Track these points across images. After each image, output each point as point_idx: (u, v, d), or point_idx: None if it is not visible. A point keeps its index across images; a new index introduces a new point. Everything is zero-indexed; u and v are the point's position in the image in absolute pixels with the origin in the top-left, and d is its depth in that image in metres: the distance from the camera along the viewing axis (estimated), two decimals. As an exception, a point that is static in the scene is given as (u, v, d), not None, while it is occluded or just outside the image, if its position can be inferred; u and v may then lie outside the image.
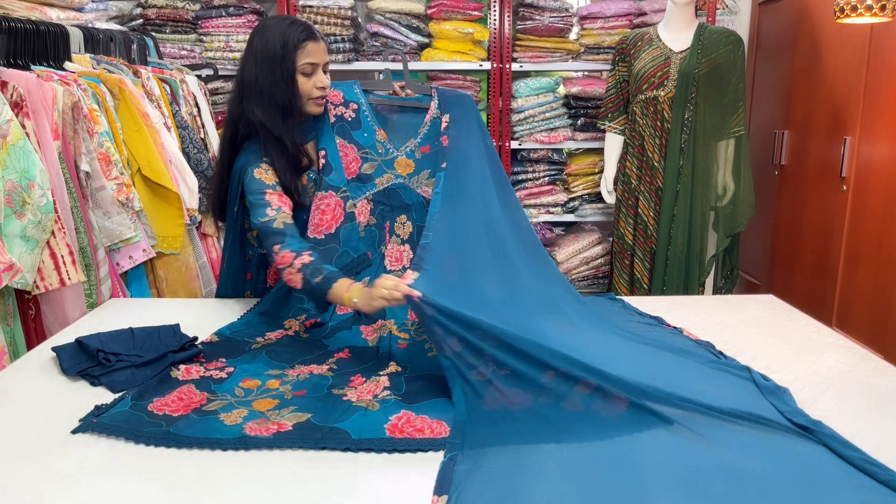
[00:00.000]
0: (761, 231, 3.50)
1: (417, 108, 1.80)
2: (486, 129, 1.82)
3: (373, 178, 1.74)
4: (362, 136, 1.74)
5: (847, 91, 2.77)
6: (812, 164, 3.04)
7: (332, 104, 1.73)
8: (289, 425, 1.14)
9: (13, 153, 1.62)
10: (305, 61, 1.58)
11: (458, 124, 1.75)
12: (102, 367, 1.33)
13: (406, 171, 1.75)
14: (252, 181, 1.59)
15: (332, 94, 1.74)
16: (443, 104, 1.79)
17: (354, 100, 1.76)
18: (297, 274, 1.48)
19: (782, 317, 1.74)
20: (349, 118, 1.74)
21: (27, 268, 1.63)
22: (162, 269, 2.24)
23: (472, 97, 1.84)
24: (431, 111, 1.78)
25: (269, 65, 1.56)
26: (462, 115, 1.77)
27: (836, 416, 1.19)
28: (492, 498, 0.95)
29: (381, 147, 1.75)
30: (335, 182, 1.69)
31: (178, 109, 2.49)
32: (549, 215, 3.45)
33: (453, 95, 1.82)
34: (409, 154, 1.76)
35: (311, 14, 3.17)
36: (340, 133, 1.73)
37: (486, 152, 1.75)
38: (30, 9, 2.05)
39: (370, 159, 1.74)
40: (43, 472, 1.01)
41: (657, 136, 2.87)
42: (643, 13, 3.28)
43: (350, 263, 1.69)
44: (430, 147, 1.76)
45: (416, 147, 1.77)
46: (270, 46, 1.57)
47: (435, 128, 1.77)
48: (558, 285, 1.66)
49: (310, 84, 1.60)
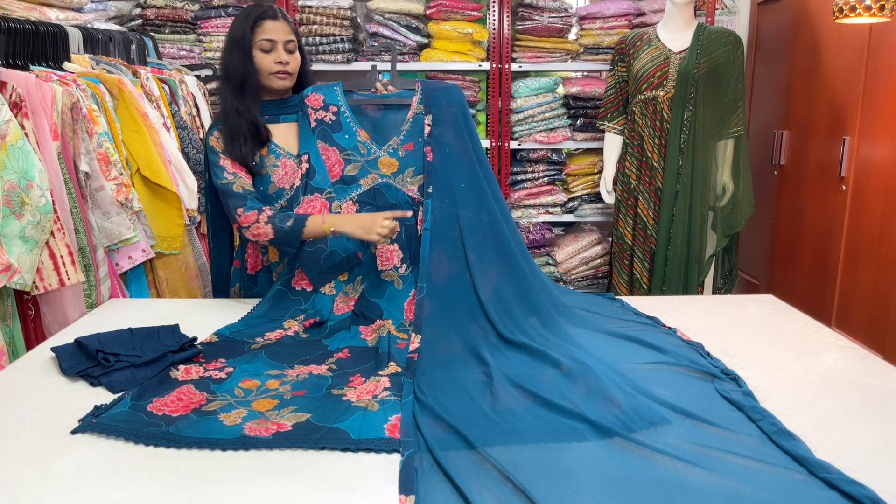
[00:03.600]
0: (761, 231, 3.50)
1: (400, 105, 1.78)
2: (472, 123, 1.78)
3: (357, 179, 1.74)
4: (343, 137, 1.75)
5: (846, 91, 2.77)
6: (811, 164, 3.04)
7: (313, 108, 1.75)
8: (288, 425, 1.14)
9: (12, 154, 1.62)
10: (262, 38, 1.68)
11: (443, 126, 1.73)
12: (102, 368, 1.33)
13: (390, 170, 1.75)
14: (209, 147, 1.73)
15: (312, 99, 1.75)
16: (426, 99, 1.76)
17: (334, 102, 1.76)
18: (265, 226, 1.64)
19: (782, 317, 1.74)
20: (329, 121, 1.75)
21: (26, 268, 1.63)
22: (161, 269, 2.24)
23: (459, 88, 1.82)
24: (413, 107, 1.77)
25: (231, 45, 1.69)
26: (446, 113, 1.74)
27: (835, 417, 1.20)
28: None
29: (363, 148, 1.75)
30: (319, 184, 1.71)
31: (177, 110, 2.49)
32: (549, 215, 3.45)
33: (439, 88, 1.79)
34: (391, 153, 1.75)
35: (310, 14, 3.17)
36: (322, 136, 1.74)
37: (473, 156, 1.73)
38: (29, 9, 2.05)
39: (353, 160, 1.74)
40: (42, 472, 1.01)
41: (656, 137, 2.87)
42: (642, 13, 3.28)
43: (339, 262, 1.69)
44: (414, 144, 1.75)
45: (398, 145, 1.76)
46: (235, 28, 1.70)
47: (417, 124, 1.76)
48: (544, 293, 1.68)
49: (268, 60, 1.69)
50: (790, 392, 1.29)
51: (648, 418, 1.15)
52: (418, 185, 1.73)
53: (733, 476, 1.00)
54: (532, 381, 1.29)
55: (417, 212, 1.72)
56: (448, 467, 1.01)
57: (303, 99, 1.76)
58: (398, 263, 1.72)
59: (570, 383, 1.27)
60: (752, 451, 1.07)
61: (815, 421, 1.18)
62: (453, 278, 1.59)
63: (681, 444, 1.08)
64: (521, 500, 0.94)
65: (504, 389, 1.27)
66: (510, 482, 0.98)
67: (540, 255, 3.41)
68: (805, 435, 1.12)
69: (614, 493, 0.96)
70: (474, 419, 1.16)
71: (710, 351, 1.47)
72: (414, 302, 1.59)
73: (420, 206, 1.71)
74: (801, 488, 0.98)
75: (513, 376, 1.32)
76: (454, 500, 0.95)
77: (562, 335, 1.53)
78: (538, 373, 1.34)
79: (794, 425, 1.14)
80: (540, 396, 1.23)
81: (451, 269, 1.60)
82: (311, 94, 1.76)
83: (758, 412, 1.18)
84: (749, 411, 1.19)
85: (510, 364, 1.39)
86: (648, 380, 1.31)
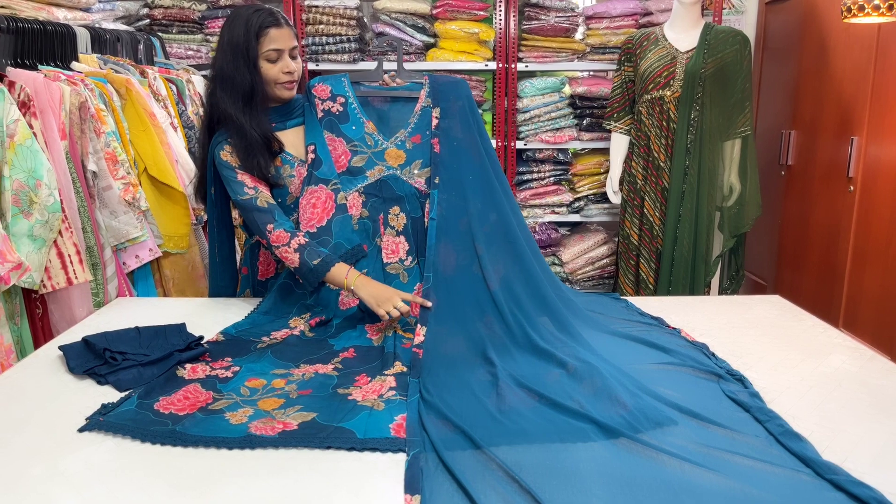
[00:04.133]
0: (768, 231, 3.48)
1: (408, 98, 1.78)
2: (480, 117, 1.78)
3: (364, 171, 1.74)
4: (350, 129, 1.74)
5: (854, 91, 2.75)
6: (819, 165, 3.03)
7: (320, 99, 1.74)
8: (294, 424, 1.15)
9: (21, 153, 1.63)
10: (269, 48, 1.61)
11: (450, 119, 1.72)
12: (109, 366, 1.33)
13: (397, 162, 1.74)
14: (221, 162, 1.66)
15: (319, 89, 1.74)
16: (434, 92, 1.76)
17: (342, 93, 1.75)
18: (294, 254, 1.60)
19: (789, 317, 1.73)
20: (337, 112, 1.74)
21: (34, 267, 1.64)
22: (168, 268, 2.25)
23: (466, 82, 1.80)
24: (421, 100, 1.76)
25: (233, 53, 1.61)
26: (454, 107, 1.74)
27: (842, 418, 1.19)
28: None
29: (370, 139, 1.75)
30: (325, 175, 1.70)
31: (184, 109, 2.50)
32: (555, 215, 3.44)
33: (446, 82, 1.78)
34: (399, 145, 1.75)
35: (317, 14, 3.17)
36: (328, 127, 1.73)
37: (482, 149, 1.73)
38: (37, 9, 2.06)
39: (360, 152, 1.74)
40: (50, 470, 1.02)
41: (663, 136, 2.87)
42: (649, 13, 3.27)
43: (344, 254, 1.69)
44: (421, 137, 1.75)
45: (406, 137, 1.75)
46: (235, 35, 1.61)
47: (425, 117, 1.75)
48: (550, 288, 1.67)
49: (276, 70, 1.64)
50: (797, 393, 1.29)
51: (654, 419, 1.15)
52: (425, 177, 1.73)
53: (740, 477, 0.99)
54: (538, 382, 1.29)
55: (424, 204, 1.72)
56: (453, 467, 1.01)
57: (309, 89, 1.75)
58: (403, 256, 1.72)
59: (576, 384, 1.27)
60: (759, 452, 1.07)
61: (822, 422, 1.18)
62: (461, 270, 1.58)
63: (687, 445, 1.08)
64: (526, 501, 0.94)
65: (510, 389, 1.27)
66: (516, 482, 0.98)
67: (546, 255, 3.41)
68: (812, 436, 1.11)
69: (620, 493, 0.96)
70: (480, 419, 1.16)
71: (717, 352, 1.47)
72: (420, 295, 1.59)
73: (427, 198, 1.71)
74: (808, 490, 0.97)
75: (518, 376, 1.32)
76: (459, 499, 0.95)
77: (571, 331, 1.52)
78: (544, 373, 1.34)
79: (801, 426, 1.14)
80: (546, 397, 1.23)
81: (459, 260, 1.59)
82: (317, 84, 1.74)
83: (764, 413, 1.17)
84: (756, 412, 1.18)
85: (516, 364, 1.39)
86: (654, 380, 1.31)
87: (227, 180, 1.66)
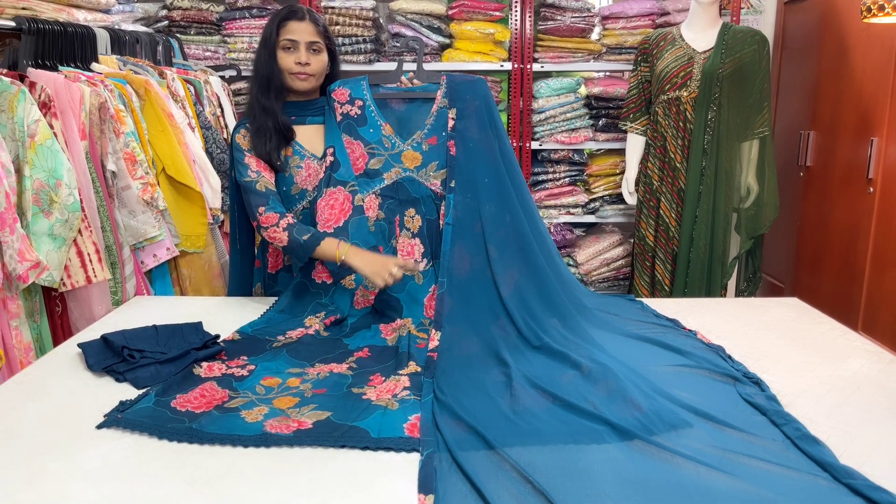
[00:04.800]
0: (786, 233, 3.45)
1: (425, 99, 1.79)
2: (498, 117, 1.77)
3: (381, 173, 1.75)
4: (368, 132, 1.76)
5: (874, 91, 2.72)
6: (838, 166, 2.99)
7: (339, 103, 1.77)
8: (309, 423, 1.15)
9: (41, 153, 1.65)
10: (285, 37, 1.70)
11: (467, 120, 1.72)
12: (127, 364, 1.35)
13: (413, 164, 1.75)
14: (235, 144, 1.75)
15: (338, 93, 1.77)
16: (451, 92, 1.75)
17: (360, 96, 1.77)
18: (282, 232, 1.65)
19: (807, 320, 1.72)
20: (355, 115, 1.76)
21: (54, 265, 1.66)
22: (185, 267, 2.27)
23: (484, 81, 1.80)
24: (438, 101, 1.76)
25: (262, 43, 1.73)
26: (471, 107, 1.73)
27: (860, 422, 1.18)
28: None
29: (387, 142, 1.76)
30: (343, 177, 1.72)
31: (202, 110, 2.52)
32: (570, 216, 3.43)
33: (463, 82, 1.77)
34: (415, 147, 1.76)
35: (333, 15, 3.19)
36: (347, 130, 1.75)
37: (497, 150, 1.72)
38: (57, 10, 2.09)
39: (377, 154, 1.75)
40: (68, 467, 1.03)
41: (679, 137, 2.85)
42: (666, 13, 3.25)
43: None
44: (438, 138, 1.75)
45: (422, 139, 1.76)
46: (266, 28, 1.73)
47: (441, 118, 1.75)
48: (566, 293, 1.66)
49: (289, 59, 1.71)
50: (815, 396, 1.27)
51: (669, 421, 1.14)
52: (441, 179, 1.73)
53: (756, 481, 0.99)
54: (552, 383, 1.29)
55: (440, 206, 1.73)
56: (467, 467, 1.01)
57: (329, 93, 1.78)
58: (419, 258, 1.72)
59: (591, 385, 1.27)
60: (776, 455, 1.06)
61: (839, 426, 1.16)
62: (474, 274, 1.59)
63: (702, 448, 1.07)
64: (539, 501, 0.94)
65: (524, 390, 1.26)
66: (529, 483, 0.98)
67: (561, 256, 3.40)
68: (829, 440, 1.10)
69: (634, 495, 0.96)
70: (494, 420, 1.16)
71: (734, 354, 1.46)
72: (434, 297, 1.59)
73: (442, 200, 1.71)
74: (825, 494, 0.96)
75: (532, 377, 1.32)
76: (473, 500, 0.95)
77: (583, 336, 1.52)
78: (558, 374, 1.33)
79: (819, 430, 1.13)
80: (560, 398, 1.23)
81: (473, 264, 1.60)
82: (337, 88, 1.78)
83: (781, 416, 1.16)
84: (772, 415, 1.17)
85: (530, 365, 1.38)
86: (669, 382, 1.30)
87: (236, 161, 1.74)
